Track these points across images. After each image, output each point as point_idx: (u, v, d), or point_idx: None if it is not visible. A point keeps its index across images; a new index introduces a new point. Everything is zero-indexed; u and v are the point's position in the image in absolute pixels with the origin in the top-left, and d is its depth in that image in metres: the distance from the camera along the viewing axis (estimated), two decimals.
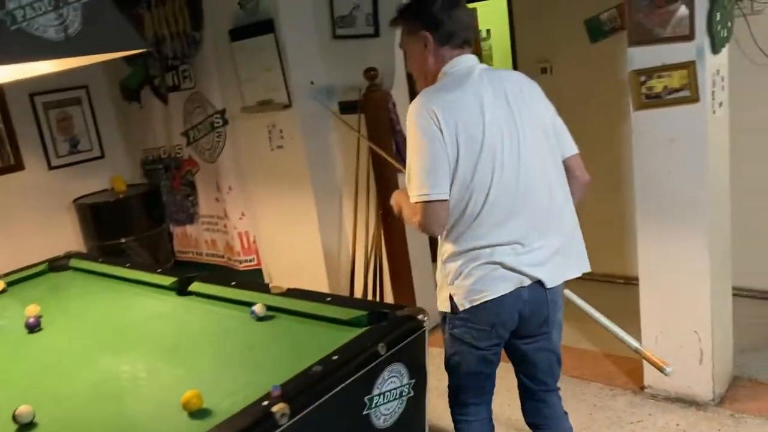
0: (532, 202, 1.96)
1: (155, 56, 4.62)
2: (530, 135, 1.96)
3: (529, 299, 1.99)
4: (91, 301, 2.81)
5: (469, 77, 1.96)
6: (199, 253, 4.98)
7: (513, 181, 1.93)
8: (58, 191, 4.82)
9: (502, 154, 1.92)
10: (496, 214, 1.93)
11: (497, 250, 1.94)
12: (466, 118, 1.90)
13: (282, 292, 2.46)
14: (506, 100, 1.95)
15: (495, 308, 1.98)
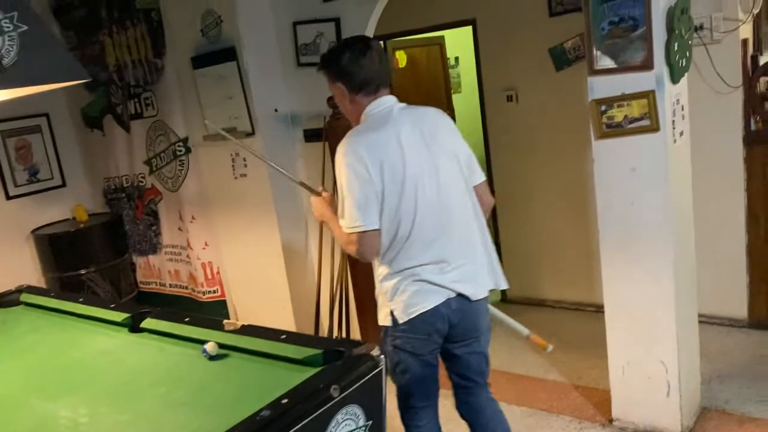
0: (453, 225, 2.19)
1: (117, 84, 4.55)
2: (445, 165, 2.19)
3: (457, 309, 2.21)
4: (38, 338, 2.68)
5: (390, 117, 2.19)
6: (163, 284, 4.85)
7: (435, 207, 2.16)
8: (16, 221, 4.69)
9: (423, 184, 2.15)
10: (423, 237, 2.16)
11: (426, 269, 2.17)
12: (388, 155, 2.12)
13: (236, 329, 2.36)
14: (422, 134, 2.17)
15: (429, 318, 2.19)
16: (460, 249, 2.20)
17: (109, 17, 4.42)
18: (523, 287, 4.57)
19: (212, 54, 3.82)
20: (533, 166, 4.28)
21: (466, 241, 2.22)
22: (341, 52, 2.20)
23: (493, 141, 4.47)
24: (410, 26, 4.64)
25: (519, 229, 4.50)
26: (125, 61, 4.43)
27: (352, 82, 2.19)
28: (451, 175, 2.19)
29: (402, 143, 2.12)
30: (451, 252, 2.18)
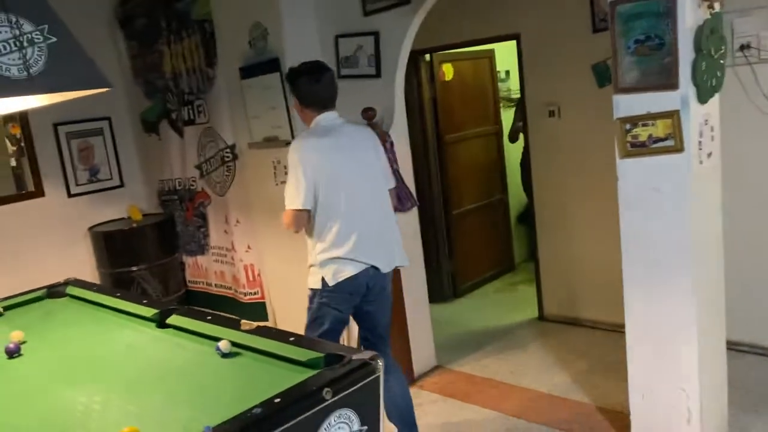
0: (373, 215, 2.92)
1: (173, 91, 4.78)
2: (367, 171, 2.93)
3: (372, 276, 2.89)
4: (75, 329, 2.86)
5: (333, 129, 2.90)
6: (209, 283, 5.05)
7: (358, 202, 2.86)
8: (76, 218, 4.98)
9: (352, 183, 2.85)
10: (348, 224, 2.83)
11: (350, 247, 2.83)
12: (327, 157, 2.83)
13: (251, 329, 2.46)
14: (355, 145, 2.91)
15: (351, 283, 2.85)
16: (377, 234, 2.90)
17: (167, 28, 4.66)
18: (561, 305, 4.51)
19: (258, 65, 3.97)
20: (574, 183, 4.22)
21: (381, 228, 2.94)
22: (299, 76, 2.91)
23: (534, 155, 4.44)
24: (456, 39, 4.68)
25: (558, 246, 4.44)
26: (180, 69, 4.65)
27: (305, 101, 2.92)
28: (372, 179, 2.93)
29: (339, 150, 2.85)
30: (370, 236, 2.87)
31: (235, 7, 4.06)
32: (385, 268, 2.92)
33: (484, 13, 4.40)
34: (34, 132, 4.79)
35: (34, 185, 4.82)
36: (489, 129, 5.50)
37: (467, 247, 5.36)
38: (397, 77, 3.65)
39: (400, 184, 3.66)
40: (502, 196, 5.67)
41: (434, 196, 5.12)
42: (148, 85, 5.02)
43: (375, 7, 3.59)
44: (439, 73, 5.02)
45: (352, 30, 3.74)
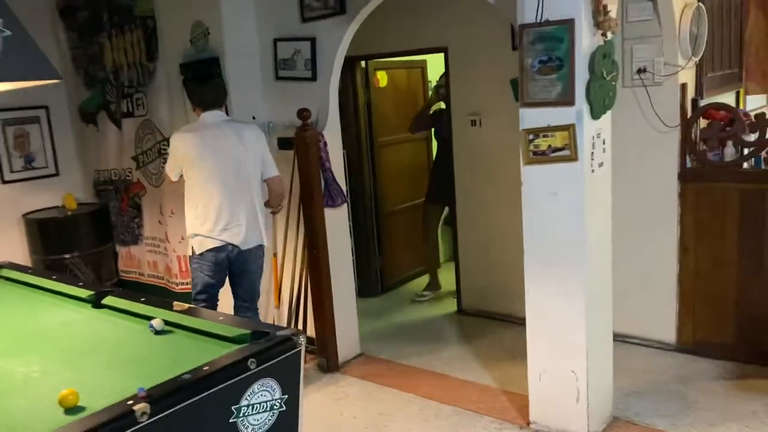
0: (237, 198, 3.47)
1: (112, 83, 4.87)
2: (242, 160, 3.48)
3: (233, 251, 3.52)
4: (10, 308, 2.98)
5: (213, 125, 3.52)
6: (141, 273, 5.15)
7: (227, 185, 3.44)
8: (9, 205, 4.99)
9: (221, 170, 3.44)
10: (216, 207, 3.45)
11: (216, 226, 3.46)
12: (200, 145, 3.45)
13: (183, 309, 2.65)
14: (235, 139, 3.49)
15: (212, 254, 3.50)
16: (240, 215, 3.47)
17: (109, 21, 4.75)
18: (477, 301, 4.85)
19: (199, 62, 4.13)
20: (491, 188, 4.56)
21: (245, 210, 3.48)
22: (190, 79, 3.70)
23: (457, 162, 4.76)
24: (390, 49, 4.97)
25: (476, 246, 4.78)
26: (121, 62, 4.76)
27: (194, 99, 3.58)
28: (244, 168, 3.47)
29: (213, 140, 3.45)
30: (233, 216, 3.47)
31: (177, 6, 4.21)
32: (244, 245, 3.52)
33: (416, 26, 4.70)
34: None
35: None
36: (419, 135, 5.80)
37: (395, 246, 5.65)
38: (332, 81, 3.89)
39: (331, 181, 3.91)
40: None
41: (366, 196, 5.38)
42: (87, 76, 5.09)
43: (312, 15, 3.83)
44: (374, 80, 5.29)
45: (290, 35, 3.96)
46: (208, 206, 3.46)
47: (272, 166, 3.63)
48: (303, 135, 3.80)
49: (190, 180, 3.51)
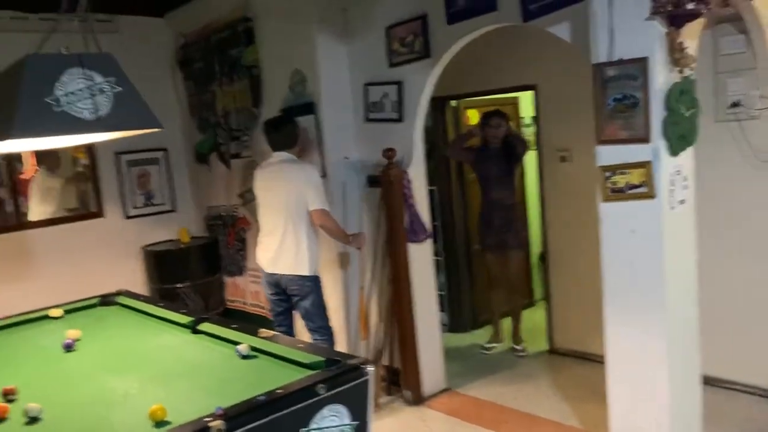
0: (274, 230, 3.94)
1: (223, 127, 5.31)
2: (283, 195, 3.88)
3: (281, 278, 3.95)
4: (122, 331, 3.32)
5: (274, 163, 4.01)
6: (245, 302, 5.49)
7: (273, 219, 3.94)
8: (131, 238, 5.53)
9: (265, 202, 4.02)
10: (261, 234, 4.05)
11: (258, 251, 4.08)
12: (261, 181, 4.05)
13: (269, 336, 2.86)
14: (282, 176, 3.94)
15: (264, 275, 4.06)
16: (273, 243, 3.92)
17: (221, 71, 5.22)
18: (569, 340, 4.75)
19: (297, 107, 4.44)
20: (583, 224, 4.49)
21: (278, 239, 3.89)
22: (264, 126, 4.11)
23: (547, 198, 4.75)
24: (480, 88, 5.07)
25: (568, 284, 4.71)
26: (230, 108, 5.19)
27: (267, 140, 4.05)
28: (287, 202, 3.85)
29: (269, 176, 3.99)
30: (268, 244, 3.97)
31: (279, 56, 4.57)
32: (270, 269, 3.97)
33: (504, 65, 4.79)
34: (99, 159, 5.39)
35: (96, 206, 5.40)
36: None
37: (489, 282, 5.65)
38: (417, 122, 4.05)
39: (415, 217, 4.03)
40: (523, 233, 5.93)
41: (456, 232, 5.45)
42: (201, 121, 5.59)
43: (399, 60, 4.02)
44: (463, 118, 5.40)
45: (379, 79, 4.17)
46: (260, 233, 4.06)
47: (314, 201, 3.82)
48: (388, 173, 3.97)
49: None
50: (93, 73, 2.27)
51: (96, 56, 2.32)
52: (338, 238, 4.00)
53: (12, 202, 5.18)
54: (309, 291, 3.91)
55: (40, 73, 2.21)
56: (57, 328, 3.44)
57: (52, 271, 5.11)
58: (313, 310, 3.94)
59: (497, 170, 4.79)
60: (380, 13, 4.09)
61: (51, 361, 2.91)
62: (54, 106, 2.19)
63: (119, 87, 2.33)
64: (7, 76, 2.39)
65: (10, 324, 3.54)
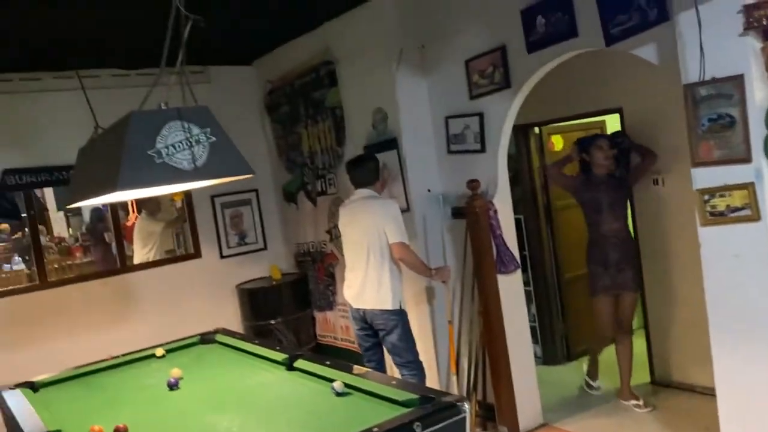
0: (356, 265, 4.02)
1: (309, 166, 5.47)
2: (364, 230, 3.95)
3: (365, 313, 4.01)
4: (221, 369, 3.45)
5: (357, 200, 4.08)
6: (336, 337, 5.56)
7: (356, 254, 4.02)
8: (226, 277, 5.75)
9: (348, 237, 4.12)
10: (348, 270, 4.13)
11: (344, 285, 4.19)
12: (345, 217, 4.15)
13: (362, 373, 2.89)
14: (363, 211, 4.00)
15: (351, 311, 4.15)
16: (357, 278, 4.01)
17: (306, 113, 5.40)
18: (673, 372, 4.51)
19: (379, 144, 4.52)
20: (677, 248, 4.31)
21: (361, 274, 3.96)
22: (346, 165, 4.23)
23: (640, 223, 4.58)
24: (565, 113, 4.99)
25: (666, 310, 4.49)
26: (316, 148, 5.35)
27: (350, 180, 4.15)
28: (367, 236, 3.92)
29: (350, 213, 4.08)
30: (351, 278, 4.08)
31: (360, 96, 4.69)
32: (356, 303, 4.03)
33: (588, 89, 4.69)
34: (195, 203, 5.67)
35: (193, 247, 5.67)
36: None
37: (581, 311, 5.47)
38: (500, 151, 4.03)
39: (503, 248, 3.99)
40: None
41: (545, 261, 5.34)
42: (289, 162, 5.78)
43: (480, 92, 4.03)
44: (548, 144, 5.33)
45: (460, 111, 4.19)
46: (346, 269, 4.15)
47: (393, 234, 3.86)
48: (473, 205, 3.96)
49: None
50: (190, 125, 2.42)
51: (193, 109, 2.47)
52: (419, 271, 3.98)
53: (117, 247, 5.52)
54: (394, 325, 3.91)
55: (142, 128, 2.37)
56: (161, 367, 3.61)
57: (153, 311, 5.38)
58: (401, 345, 3.93)
59: (608, 198, 4.24)
60: (458, 47, 4.13)
61: (157, 399, 3.06)
62: (155, 158, 2.34)
63: (214, 137, 2.46)
64: (114, 132, 2.58)
65: (118, 364, 3.75)
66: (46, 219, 7.45)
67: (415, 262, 3.93)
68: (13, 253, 6.98)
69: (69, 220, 8.07)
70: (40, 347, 4.89)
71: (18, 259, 6.83)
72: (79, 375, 3.60)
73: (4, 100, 4.92)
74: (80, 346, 4.76)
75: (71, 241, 7.80)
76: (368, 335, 4.07)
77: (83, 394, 3.33)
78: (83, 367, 3.68)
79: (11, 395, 3.24)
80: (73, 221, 8.07)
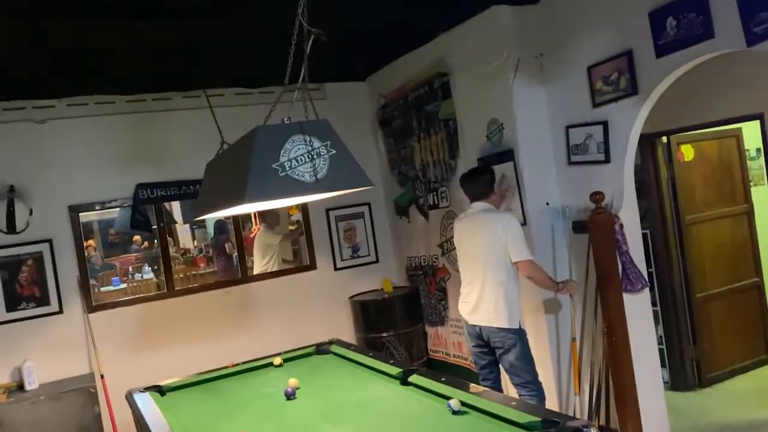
0: (473, 280, 3.92)
1: (421, 179, 5.45)
2: (480, 245, 3.84)
3: (482, 330, 3.88)
4: (336, 381, 3.46)
5: (472, 214, 3.99)
6: (447, 353, 5.47)
7: (473, 269, 3.92)
8: (340, 288, 5.83)
9: (463, 252, 4.04)
10: (464, 285, 4.03)
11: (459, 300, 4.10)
12: (462, 232, 4.04)
13: (479, 392, 2.79)
14: (480, 226, 3.87)
15: (466, 326, 4.06)
16: (472, 293, 3.90)
17: (418, 126, 5.39)
18: None
19: (495, 155, 4.41)
20: None
21: (477, 290, 3.86)
22: (461, 178, 4.13)
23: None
24: (694, 122, 4.66)
25: None
26: (428, 161, 5.32)
27: (465, 193, 4.07)
28: (484, 250, 3.82)
29: (467, 227, 3.98)
30: (468, 294, 3.96)
31: (475, 107, 4.60)
32: (471, 320, 3.92)
33: (722, 94, 4.36)
34: (311, 216, 5.80)
35: (309, 259, 5.79)
36: (737, 209, 5.23)
37: (715, 334, 5.07)
38: (626, 162, 3.80)
39: (629, 265, 3.75)
40: (756, 279, 5.28)
41: (674, 279, 4.98)
42: (401, 175, 5.79)
43: (604, 99, 3.83)
44: (677, 155, 4.99)
45: (581, 120, 4.01)
46: (462, 284, 4.05)
47: (518, 252, 3.74)
48: (597, 218, 3.75)
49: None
50: (312, 139, 2.44)
51: (314, 123, 2.50)
52: (546, 286, 3.85)
53: (239, 258, 5.74)
54: (513, 344, 3.77)
55: (267, 142, 2.42)
56: (278, 376, 3.69)
57: (271, 321, 5.53)
58: (519, 365, 3.79)
59: None
60: (579, 53, 3.96)
61: (275, 408, 3.11)
62: (279, 171, 2.38)
63: (334, 150, 2.47)
64: (240, 147, 2.67)
65: (238, 371, 3.86)
66: (173, 231, 7.92)
67: (543, 278, 3.82)
68: (144, 263, 7.48)
69: (194, 232, 8.55)
70: (167, 353, 5.16)
71: (148, 268, 7.31)
72: (203, 381, 3.74)
73: (139, 119, 5.27)
74: (203, 353, 4.99)
75: (195, 252, 8.25)
76: (484, 353, 3.94)
77: (206, 399, 3.45)
78: (206, 373, 3.83)
79: (141, 397, 3.42)
80: (197, 233, 8.54)
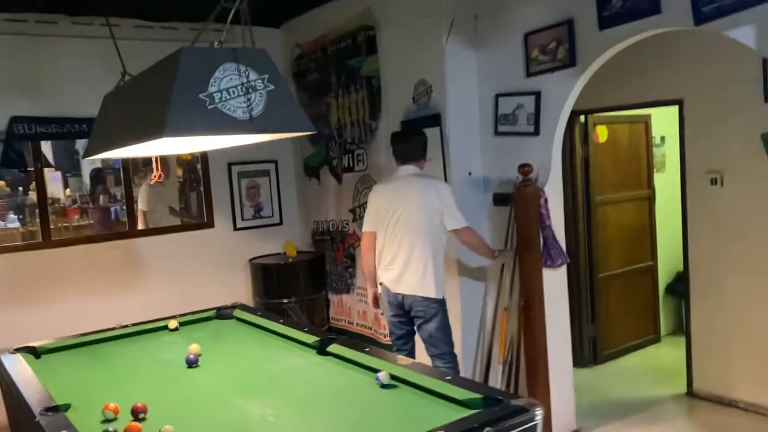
0: (399, 247, 3.65)
1: (336, 140, 5.15)
2: (413, 211, 3.61)
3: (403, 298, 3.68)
4: (244, 348, 3.14)
5: (401, 177, 3.74)
6: (351, 322, 5.27)
7: (399, 236, 3.65)
8: (239, 250, 5.44)
9: (391, 217, 3.66)
10: (382, 249, 3.75)
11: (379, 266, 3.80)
12: (384, 197, 3.74)
13: (409, 365, 2.59)
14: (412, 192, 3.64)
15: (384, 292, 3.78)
16: (397, 260, 3.65)
17: (337, 82, 5.07)
18: (713, 384, 4.25)
19: (420, 119, 4.21)
20: (733, 253, 4.04)
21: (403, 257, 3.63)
22: (392, 137, 3.90)
23: (692, 223, 4.30)
24: (615, 102, 4.69)
25: (712, 319, 4.23)
26: (345, 120, 5.03)
27: (394, 153, 3.82)
28: (414, 217, 3.59)
29: (395, 191, 3.70)
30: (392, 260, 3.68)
31: (402, 66, 4.36)
32: (395, 288, 3.68)
33: (646, 78, 4.39)
34: (212, 169, 5.34)
35: (206, 217, 5.35)
36: (641, 193, 5.38)
37: (612, 313, 5.21)
38: (556, 136, 3.73)
39: (551, 240, 3.69)
40: (651, 263, 5.49)
41: (580, 258, 5.06)
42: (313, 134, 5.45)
43: (539, 69, 3.72)
44: (593, 135, 5.03)
45: (513, 89, 3.88)
46: (380, 249, 3.76)
47: (454, 219, 3.61)
48: (523, 191, 3.66)
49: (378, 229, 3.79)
50: (248, 69, 2.10)
51: (250, 51, 2.15)
52: (483, 254, 3.76)
53: (127, 209, 5.19)
54: (434, 313, 3.62)
55: (193, 67, 2.06)
56: (174, 341, 3.32)
57: (162, 280, 5.07)
58: (438, 335, 3.65)
59: None
60: (517, 19, 3.81)
61: (175, 377, 2.76)
62: (207, 103, 2.02)
63: (272, 85, 2.15)
64: (157, 72, 2.26)
65: (128, 334, 3.45)
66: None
67: (480, 245, 3.73)
68: (8, 211, 6.66)
69: (67, 180, 7.72)
70: (42, 310, 4.59)
71: (13, 216, 6.51)
72: (85, 343, 3.31)
73: (17, 42, 4.57)
74: (86, 312, 4.50)
75: (69, 201, 7.46)
76: (402, 322, 3.76)
77: (90, 363, 3.04)
78: (89, 335, 3.39)
79: (10, 359, 2.94)
80: (72, 182, 7.72)
